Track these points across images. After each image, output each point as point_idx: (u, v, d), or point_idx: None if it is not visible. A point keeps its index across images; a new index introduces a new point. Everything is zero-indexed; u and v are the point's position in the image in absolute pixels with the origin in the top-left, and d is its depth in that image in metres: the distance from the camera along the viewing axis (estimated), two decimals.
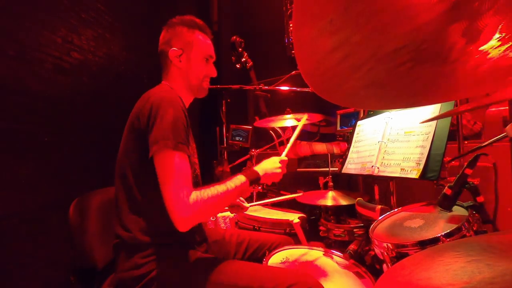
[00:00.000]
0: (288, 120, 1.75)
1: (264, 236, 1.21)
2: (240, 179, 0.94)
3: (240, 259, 1.13)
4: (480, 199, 0.79)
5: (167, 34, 1.07)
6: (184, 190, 0.82)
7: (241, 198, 1.31)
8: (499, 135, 0.78)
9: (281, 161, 1.05)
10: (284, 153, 1.13)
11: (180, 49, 1.04)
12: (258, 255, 1.13)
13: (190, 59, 1.06)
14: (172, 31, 1.06)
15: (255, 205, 1.33)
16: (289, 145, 1.16)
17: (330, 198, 1.36)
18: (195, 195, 0.84)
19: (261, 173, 0.99)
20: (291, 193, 1.49)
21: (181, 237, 0.94)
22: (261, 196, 1.92)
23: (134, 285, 0.86)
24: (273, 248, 1.14)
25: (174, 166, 0.83)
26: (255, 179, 0.98)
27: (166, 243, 0.91)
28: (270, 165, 1.03)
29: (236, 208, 1.24)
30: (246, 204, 1.28)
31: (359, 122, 1.45)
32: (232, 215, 1.55)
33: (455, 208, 0.82)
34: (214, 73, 1.12)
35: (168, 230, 0.87)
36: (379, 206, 1.04)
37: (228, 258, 1.12)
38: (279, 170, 1.03)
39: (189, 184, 0.85)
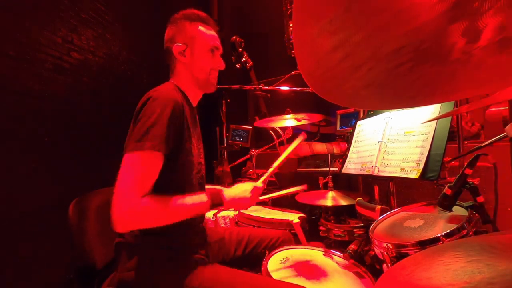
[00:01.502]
0: (288, 120, 1.76)
1: (264, 232, 1.21)
2: (201, 198, 0.91)
3: (240, 255, 1.13)
4: (480, 199, 0.79)
5: (171, 30, 1.05)
6: (133, 191, 0.79)
7: None
8: (499, 135, 0.78)
9: (253, 189, 0.99)
10: (261, 180, 1.06)
11: (184, 44, 1.02)
12: (258, 250, 1.14)
13: (194, 53, 1.03)
14: (175, 27, 1.04)
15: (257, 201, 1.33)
16: (267, 173, 1.11)
17: (330, 198, 1.36)
18: (145, 200, 0.80)
19: (226, 198, 0.95)
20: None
21: (181, 238, 0.94)
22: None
23: (134, 285, 0.86)
24: (272, 244, 1.14)
25: (131, 165, 0.81)
26: (217, 203, 0.93)
27: (167, 245, 0.91)
28: (239, 192, 0.97)
29: None
30: (239, 184, 1.28)
31: (359, 122, 1.45)
32: (232, 214, 1.55)
33: (455, 208, 0.82)
34: (222, 66, 1.09)
35: (169, 231, 0.87)
36: (379, 206, 1.04)
37: (228, 256, 1.12)
38: (248, 197, 0.97)
39: (141, 186, 0.81)
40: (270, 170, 1.16)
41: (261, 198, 1.33)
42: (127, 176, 0.80)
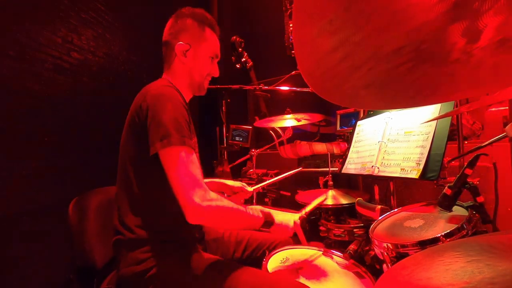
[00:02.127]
0: (288, 120, 1.76)
1: (264, 235, 1.21)
2: (258, 212, 0.94)
3: (239, 258, 1.12)
4: (480, 199, 0.79)
5: (176, 25, 1.04)
6: (197, 185, 0.81)
7: (244, 183, 1.32)
8: (499, 135, 0.78)
9: (295, 221, 1.02)
10: (301, 213, 1.08)
11: (188, 44, 1.02)
12: (257, 254, 1.13)
13: (196, 56, 1.03)
14: (182, 23, 1.03)
15: (258, 187, 1.34)
16: (309, 207, 1.13)
17: (330, 198, 1.36)
18: (214, 195, 0.83)
19: (276, 222, 0.98)
20: (291, 193, 1.49)
21: (180, 233, 0.94)
22: (261, 196, 1.92)
23: (135, 281, 0.86)
24: (272, 248, 1.14)
25: (181, 161, 0.81)
26: (268, 222, 0.96)
27: (166, 240, 0.91)
28: (285, 220, 1.01)
29: (240, 194, 1.25)
30: (249, 188, 1.29)
31: (359, 122, 1.45)
32: None
33: (455, 208, 0.82)
34: (216, 73, 1.11)
35: (167, 226, 0.87)
36: (379, 206, 1.04)
37: (226, 256, 1.12)
38: (291, 226, 1.00)
39: (201, 179, 0.83)
40: (310, 206, 1.15)
41: (260, 185, 1.35)
42: (186, 172, 0.81)
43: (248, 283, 0.83)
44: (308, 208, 1.13)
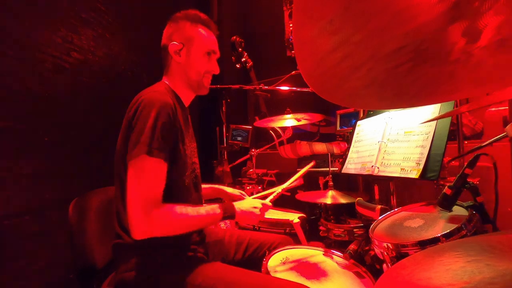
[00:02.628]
0: (288, 120, 1.76)
1: (264, 236, 1.21)
2: (214, 209, 0.93)
3: (240, 259, 1.12)
4: (480, 199, 0.79)
5: (170, 28, 1.05)
6: (148, 199, 0.80)
7: (242, 192, 1.32)
8: (499, 135, 0.78)
9: (263, 206, 1.04)
10: (269, 199, 1.11)
11: (181, 43, 1.02)
12: (258, 254, 1.13)
13: (190, 54, 1.03)
14: (175, 25, 1.04)
15: (258, 197, 1.33)
16: (275, 193, 1.16)
17: (330, 197, 1.36)
18: (162, 209, 0.82)
19: (237, 211, 0.98)
20: (291, 193, 1.49)
21: (179, 237, 0.94)
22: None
23: (133, 286, 0.86)
24: (272, 248, 1.14)
25: (143, 172, 0.81)
26: (229, 215, 0.96)
27: (165, 243, 0.91)
28: (249, 206, 1.02)
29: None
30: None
31: (359, 122, 1.45)
32: None
33: (455, 208, 0.82)
34: (216, 70, 1.10)
35: None
36: (379, 206, 1.04)
37: (228, 258, 1.12)
38: (257, 213, 1.01)
39: (155, 194, 0.82)
40: (278, 190, 1.19)
41: (259, 195, 1.35)
42: (136, 184, 0.81)
43: (248, 286, 0.83)
44: (275, 193, 1.16)
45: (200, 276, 0.86)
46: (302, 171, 1.34)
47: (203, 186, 1.22)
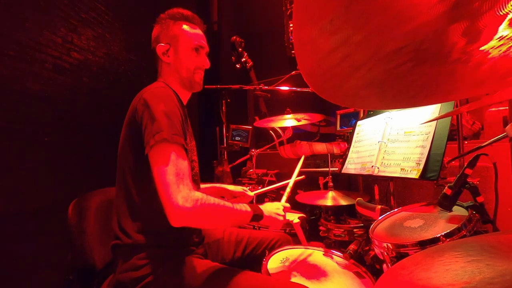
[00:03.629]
0: (288, 120, 1.76)
1: (263, 234, 1.21)
2: (246, 207, 0.92)
3: (240, 257, 1.12)
4: (480, 199, 0.79)
5: (156, 30, 1.05)
6: (182, 184, 0.78)
7: (244, 188, 1.33)
8: (499, 135, 0.78)
9: (284, 208, 1.04)
10: (284, 199, 1.11)
11: (167, 43, 1.02)
12: (257, 252, 1.13)
13: (177, 53, 1.03)
14: (160, 26, 1.05)
15: (259, 192, 1.34)
16: (287, 192, 1.16)
17: (330, 198, 1.36)
18: (199, 194, 0.80)
19: (265, 213, 0.97)
20: (291, 193, 1.49)
21: (179, 237, 0.94)
22: (261, 196, 1.92)
23: (132, 286, 0.86)
24: (271, 246, 1.14)
25: (169, 158, 0.79)
26: (258, 215, 0.95)
27: (164, 244, 0.91)
28: (274, 209, 1.01)
29: (240, 198, 1.25)
30: (250, 193, 1.29)
31: (359, 122, 1.45)
32: None
33: (455, 208, 0.82)
34: (206, 64, 1.08)
35: (165, 230, 0.86)
36: (379, 206, 1.04)
37: (228, 257, 1.12)
38: (281, 217, 1.01)
39: (188, 178, 0.80)
40: (287, 189, 1.18)
41: (261, 190, 1.36)
42: (167, 169, 0.78)
43: (244, 286, 0.83)
44: (288, 191, 1.16)
45: (199, 278, 0.86)
46: (299, 165, 1.34)
47: (203, 186, 1.22)
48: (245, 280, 0.85)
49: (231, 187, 1.32)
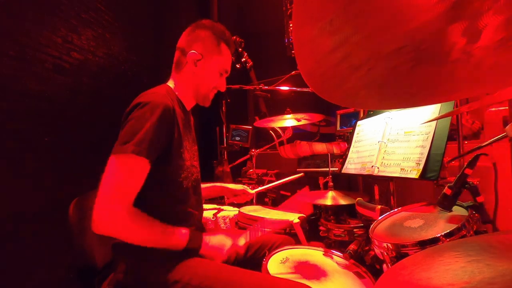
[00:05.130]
0: (288, 120, 1.76)
1: (265, 237, 1.21)
2: (182, 232, 0.90)
3: (242, 259, 1.12)
4: (480, 199, 0.79)
5: (193, 33, 1.05)
6: (118, 196, 0.78)
7: (244, 186, 1.33)
8: (499, 135, 0.78)
9: (231, 246, 0.99)
10: (242, 239, 1.04)
11: (200, 54, 1.03)
12: (260, 255, 1.13)
13: (206, 68, 1.04)
14: (199, 32, 1.05)
15: (259, 190, 1.35)
16: (248, 234, 1.09)
17: (330, 198, 1.36)
18: (129, 211, 0.80)
19: (206, 240, 0.95)
20: (291, 193, 1.50)
21: None
22: (261, 197, 1.92)
23: (131, 287, 0.86)
24: (274, 248, 1.14)
25: (119, 168, 0.80)
26: (195, 243, 0.92)
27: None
28: (219, 241, 0.98)
29: (241, 196, 1.25)
30: (251, 191, 1.29)
31: (359, 122, 1.45)
32: (232, 215, 1.55)
33: (455, 208, 0.82)
34: (223, 87, 1.12)
35: None
36: (379, 206, 1.04)
37: (230, 259, 1.12)
38: (222, 252, 0.97)
39: (127, 193, 0.80)
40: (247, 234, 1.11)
41: (262, 188, 1.36)
42: (109, 179, 0.79)
43: (247, 286, 0.83)
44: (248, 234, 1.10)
45: (198, 276, 0.86)
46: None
47: (204, 185, 1.22)
48: (245, 279, 0.85)
49: (231, 186, 1.32)
